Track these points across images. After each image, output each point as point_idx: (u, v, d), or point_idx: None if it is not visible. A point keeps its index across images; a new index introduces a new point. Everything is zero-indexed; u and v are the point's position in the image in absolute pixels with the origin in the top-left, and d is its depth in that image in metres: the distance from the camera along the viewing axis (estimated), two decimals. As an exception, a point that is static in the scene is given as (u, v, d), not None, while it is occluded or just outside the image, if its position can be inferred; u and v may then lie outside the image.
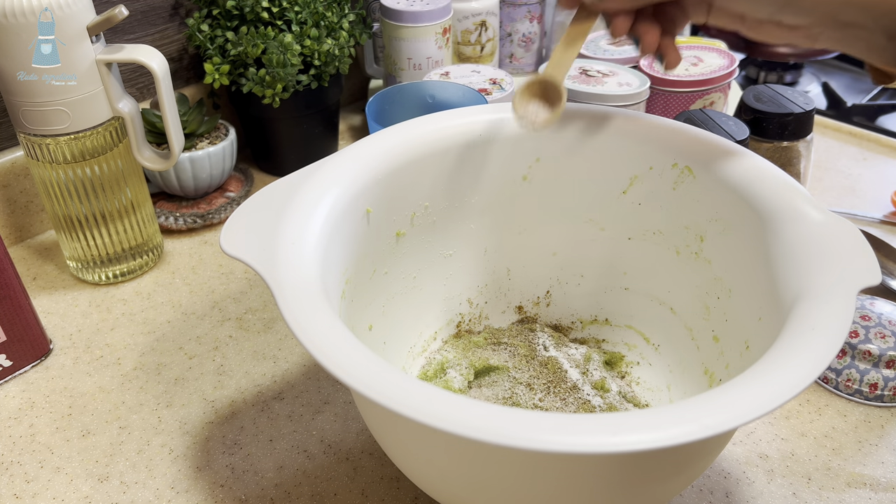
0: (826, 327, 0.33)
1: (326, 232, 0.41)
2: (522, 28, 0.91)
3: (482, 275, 0.56)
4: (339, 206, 0.43)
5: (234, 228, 0.40)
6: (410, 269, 0.52)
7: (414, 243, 0.51)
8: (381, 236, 0.48)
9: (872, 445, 0.50)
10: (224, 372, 0.56)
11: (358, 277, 0.46)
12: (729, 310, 0.45)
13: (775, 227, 0.41)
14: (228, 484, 0.48)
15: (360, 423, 0.52)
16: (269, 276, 0.37)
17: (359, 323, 0.47)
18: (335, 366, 0.32)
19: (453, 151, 0.49)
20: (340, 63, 0.73)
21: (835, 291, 0.35)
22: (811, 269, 0.37)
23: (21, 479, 0.48)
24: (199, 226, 0.71)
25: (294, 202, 0.42)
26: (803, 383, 0.31)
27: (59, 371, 0.56)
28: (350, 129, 0.88)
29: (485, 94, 0.70)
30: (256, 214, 0.41)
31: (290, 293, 0.36)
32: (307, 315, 0.35)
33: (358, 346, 0.33)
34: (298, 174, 0.45)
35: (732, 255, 0.45)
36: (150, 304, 0.63)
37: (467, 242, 0.54)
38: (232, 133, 0.72)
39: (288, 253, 0.38)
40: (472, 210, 0.53)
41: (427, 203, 0.50)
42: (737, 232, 0.44)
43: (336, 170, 0.45)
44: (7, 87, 0.54)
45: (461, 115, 0.50)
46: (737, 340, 0.44)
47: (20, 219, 0.69)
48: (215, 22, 0.71)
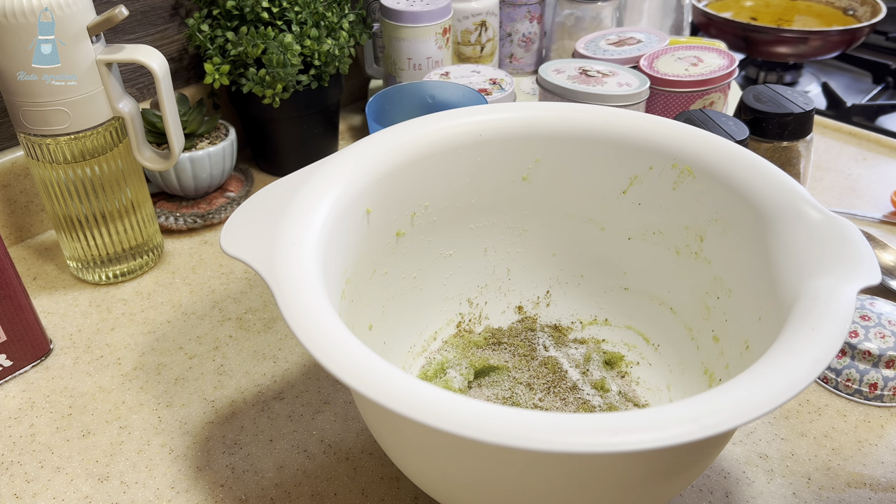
0: (826, 327, 0.33)
1: (326, 232, 0.41)
2: (522, 28, 0.91)
3: (482, 275, 0.56)
4: (339, 206, 0.43)
5: (234, 228, 0.40)
6: (410, 268, 0.52)
7: (414, 243, 0.51)
8: (381, 236, 0.48)
9: (872, 445, 0.50)
10: (224, 372, 0.56)
11: (358, 277, 0.46)
12: (729, 310, 0.45)
13: (775, 227, 0.41)
14: (228, 484, 0.48)
15: (360, 423, 0.52)
16: (269, 275, 0.37)
17: (359, 323, 0.47)
18: (336, 365, 0.32)
19: (453, 152, 0.49)
20: (340, 63, 0.73)
21: (834, 291, 0.35)
22: (811, 269, 0.37)
23: (21, 479, 0.48)
24: (199, 226, 0.71)
25: (294, 202, 0.42)
26: (803, 383, 0.31)
27: (59, 371, 0.56)
28: (350, 129, 0.88)
29: (485, 94, 0.70)
30: (256, 214, 0.41)
31: (290, 293, 0.36)
32: (307, 315, 0.35)
33: (358, 346, 0.33)
34: (298, 174, 0.45)
35: (732, 255, 0.45)
36: (150, 304, 0.63)
37: (467, 242, 0.54)
38: (232, 133, 0.73)
39: (288, 253, 0.38)
40: (472, 210, 0.53)
41: (427, 203, 0.50)
42: (737, 232, 0.45)
43: (336, 170, 0.45)
44: (7, 87, 0.54)
45: (461, 115, 0.50)
46: (737, 340, 0.44)
47: (20, 219, 0.69)
48: (215, 22, 0.71)
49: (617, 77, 0.72)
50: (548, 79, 0.71)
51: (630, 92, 0.69)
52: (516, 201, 0.53)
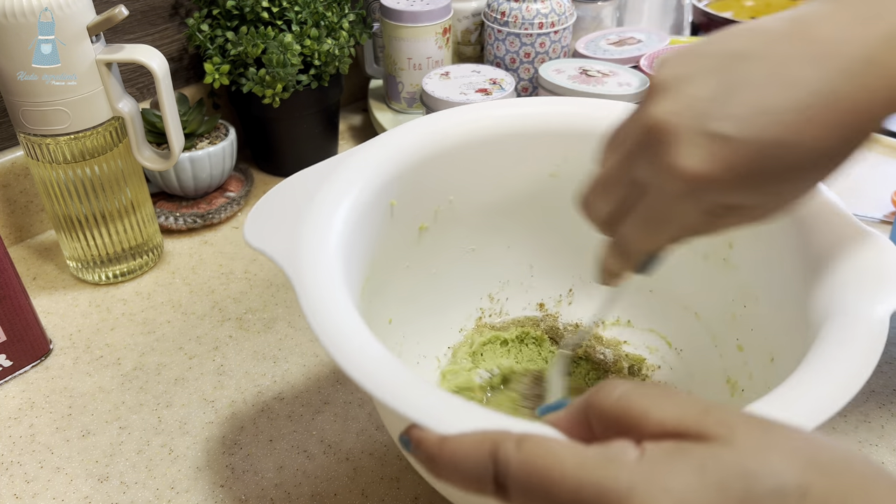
0: (859, 348, 0.32)
1: (350, 225, 0.41)
2: (522, 28, 0.91)
3: (504, 270, 0.55)
4: (363, 198, 0.43)
5: (257, 220, 0.40)
6: (432, 262, 0.52)
7: (436, 237, 0.51)
8: (403, 230, 0.48)
9: (872, 445, 0.50)
10: (224, 372, 0.56)
11: (380, 270, 0.46)
12: (755, 319, 0.44)
13: (808, 238, 0.39)
14: (228, 484, 0.48)
15: (360, 423, 0.52)
16: (292, 272, 0.36)
17: (379, 315, 0.46)
18: (355, 369, 0.31)
19: (480, 146, 0.49)
20: (340, 63, 0.73)
21: (869, 311, 0.34)
22: (845, 285, 0.36)
23: (21, 479, 0.48)
24: (199, 226, 0.71)
25: (318, 194, 0.41)
26: (833, 409, 0.30)
27: (59, 371, 0.56)
28: (350, 128, 0.88)
29: (485, 94, 0.70)
30: (280, 206, 0.41)
31: (312, 291, 0.35)
32: (328, 315, 0.34)
33: (379, 350, 0.32)
34: (322, 165, 0.44)
35: (762, 264, 0.44)
36: (150, 304, 0.63)
37: (491, 237, 0.53)
38: (232, 133, 0.72)
39: (311, 247, 0.38)
40: (496, 205, 0.52)
41: (451, 197, 0.50)
42: (767, 240, 0.43)
43: (361, 162, 0.44)
44: (7, 87, 0.54)
45: (488, 109, 0.50)
46: (762, 351, 0.43)
47: (20, 219, 0.69)
48: (215, 22, 0.71)
49: (617, 77, 0.72)
50: (548, 78, 0.71)
51: (630, 92, 0.69)
52: (542, 197, 0.52)
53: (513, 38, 0.78)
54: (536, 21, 0.76)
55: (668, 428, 0.23)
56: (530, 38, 0.77)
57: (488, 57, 0.82)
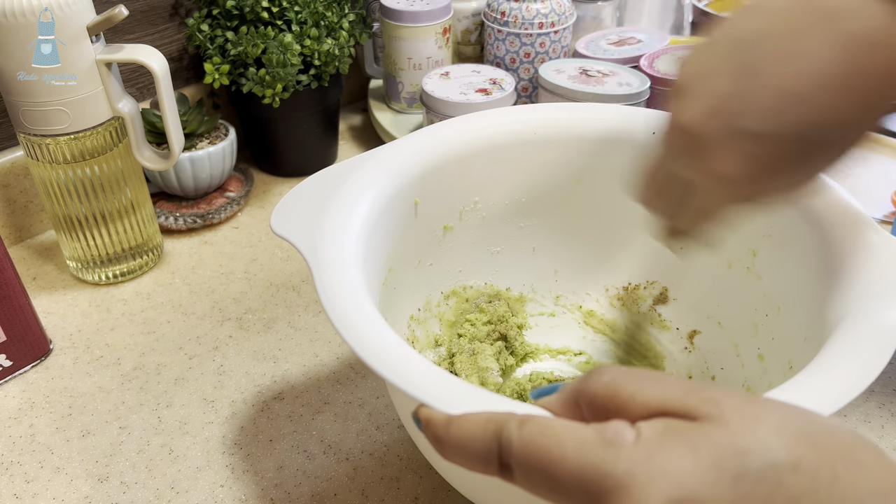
0: (865, 353, 0.32)
1: (371, 219, 0.42)
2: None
3: (529, 274, 0.55)
4: (387, 193, 0.44)
5: (285, 209, 0.42)
6: (456, 262, 0.52)
7: (461, 237, 0.51)
8: (428, 228, 0.49)
9: (872, 445, 0.50)
10: (224, 372, 0.56)
11: (402, 266, 0.47)
12: (776, 328, 0.44)
13: (831, 247, 0.40)
14: (228, 484, 0.48)
15: (360, 423, 0.52)
16: (310, 256, 0.38)
17: (400, 311, 0.47)
18: (370, 355, 0.32)
19: (507, 149, 0.49)
20: (340, 63, 0.73)
21: (881, 315, 0.34)
22: (862, 291, 0.36)
23: (21, 479, 0.48)
24: (199, 226, 0.71)
25: (343, 188, 0.43)
26: (828, 412, 0.30)
27: (59, 371, 0.56)
28: (350, 128, 0.88)
29: (485, 94, 0.70)
30: (307, 198, 0.43)
31: (327, 276, 0.37)
32: (345, 303, 0.35)
33: (393, 337, 0.33)
34: (350, 161, 0.46)
35: (784, 273, 0.44)
36: (150, 304, 0.63)
37: (516, 240, 0.54)
38: (232, 133, 0.72)
39: (331, 236, 0.39)
40: (522, 209, 0.52)
41: (477, 199, 0.50)
42: (790, 249, 0.43)
43: (387, 160, 0.45)
44: (7, 87, 0.54)
45: (515, 113, 0.50)
46: (781, 360, 0.43)
47: (20, 219, 0.69)
48: (215, 22, 0.71)
49: (617, 77, 0.71)
50: (548, 78, 0.71)
51: (630, 92, 0.69)
52: (569, 203, 0.52)
53: (513, 38, 0.77)
54: (536, 21, 0.76)
55: (653, 408, 0.24)
56: (530, 38, 0.77)
57: (488, 57, 0.82)
